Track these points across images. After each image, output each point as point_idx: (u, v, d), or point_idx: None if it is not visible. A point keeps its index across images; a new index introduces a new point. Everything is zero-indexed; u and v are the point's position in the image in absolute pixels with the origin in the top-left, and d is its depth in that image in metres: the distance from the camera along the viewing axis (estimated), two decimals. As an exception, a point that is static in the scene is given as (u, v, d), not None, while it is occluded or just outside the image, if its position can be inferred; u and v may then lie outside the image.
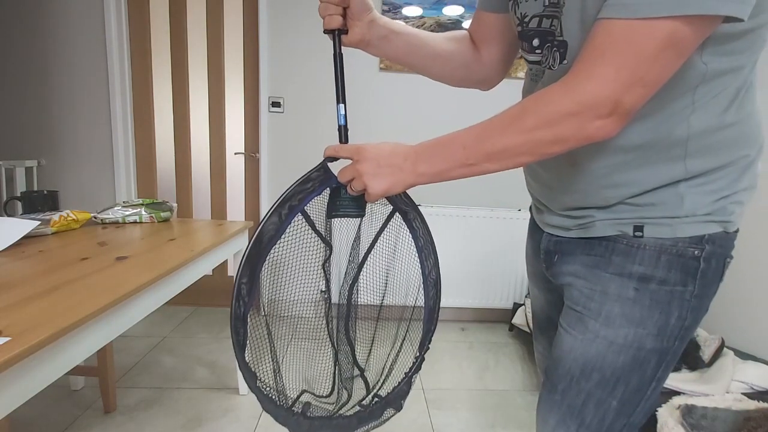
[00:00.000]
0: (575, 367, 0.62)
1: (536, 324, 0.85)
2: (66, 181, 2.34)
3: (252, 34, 2.34)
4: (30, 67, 2.25)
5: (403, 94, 2.36)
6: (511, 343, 2.31)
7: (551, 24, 0.56)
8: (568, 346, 0.63)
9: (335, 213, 0.66)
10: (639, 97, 0.47)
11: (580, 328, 0.61)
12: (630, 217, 0.58)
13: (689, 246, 0.55)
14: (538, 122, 0.49)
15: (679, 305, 0.57)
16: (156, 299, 1.00)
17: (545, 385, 0.68)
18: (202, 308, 2.56)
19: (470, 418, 1.62)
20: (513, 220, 2.34)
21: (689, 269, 0.56)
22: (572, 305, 0.64)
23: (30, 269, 0.92)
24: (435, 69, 0.77)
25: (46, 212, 1.35)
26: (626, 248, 0.58)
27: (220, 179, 2.50)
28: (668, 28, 0.43)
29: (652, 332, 0.57)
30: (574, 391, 0.62)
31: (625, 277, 0.58)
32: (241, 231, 1.53)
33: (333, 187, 0.65)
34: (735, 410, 1.24)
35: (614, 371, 0.59)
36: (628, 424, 0.62)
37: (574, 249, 0.64)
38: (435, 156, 0.56)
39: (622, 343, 0.58)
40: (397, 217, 0.72)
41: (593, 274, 0.61)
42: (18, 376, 0.61)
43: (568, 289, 0.65)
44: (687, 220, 0.55)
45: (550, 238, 0.68)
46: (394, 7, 2.26)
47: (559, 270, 0.67)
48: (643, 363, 0.59)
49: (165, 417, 1.54)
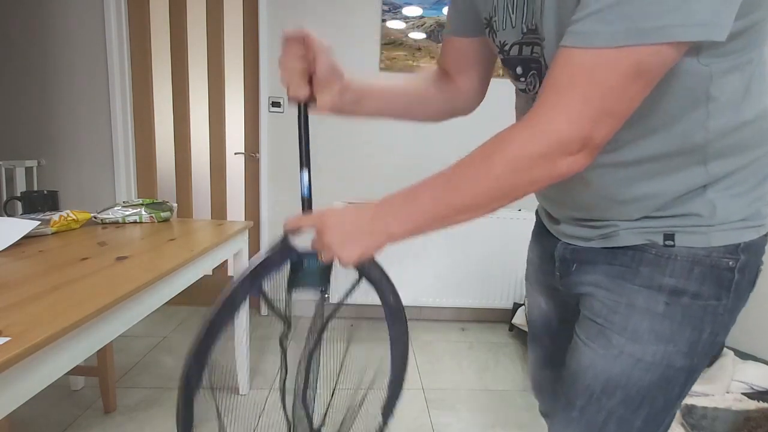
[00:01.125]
0: (596, 384, 0.58)
1: (531, 332, 0.83)
2: (66, 181, 2.34)
3: (252, 34, 2.34)
4: (30, 67, 2.25)
5: (403, 94, 2.36)
6: (511, 343, 2.31)
7: (532, 51, 0.55)
8: (588, 361, 0.59)
9: (297, 286, 0.62)
10: (609, 129, 0.44)
11: (602, 342, 0.58)
12: (659, 226, 0.54)
13: (724, 256, 0.52)
14: (506, 168, 0.46)
15: (712, 320, 0.54)
16: (156, 299, 1.00)
17: (560, 399, 0.64)
18: (202, 308, 2.56)
19: (470, 418, 1.62)
20: (513, 220, 2.34)
21: (723, 282, 0.53)
22: (593, 317, 0.60)
23: (30, 269, 0.92)
24: (416, 114, 0.74)
25: (46, 212, 1.35)
26: (655, 258, 0.54)
27: (220, 179, 2.50)
28: (631, 58, 0.40)
29: (682, 349, 0.54)
30: (594, 408, 0.58)
31: (654, 289, 0.54)
32: (241, 231, 1.53)
33: (294, 261, 0.60)
34: (735, 410, 1.24)
35: (640, 390, 0.56)
36: None
37: (595, 257, 0.60)
38: (405, 213, 0.52)
39: (651, 360, 0.55)
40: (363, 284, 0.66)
41: (618, 285, 0.57)
42: (18, 376, 0.61)
43: (587, 300, 0.61)
44: (722, 227, 0.52)
45: (566, 246, 0.65)
46: (394, 7, 2.26)
47: (577, 280, 0.63)
48: (671, 381, 0.56)
49: (165, 417, 1.54)
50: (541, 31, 0.52)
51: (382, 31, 2.28)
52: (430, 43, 2.31)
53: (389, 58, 2.31)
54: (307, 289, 0.62)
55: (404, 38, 2.30)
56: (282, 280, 0.61)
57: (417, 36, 2.30)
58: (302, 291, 0.62)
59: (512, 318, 2.38)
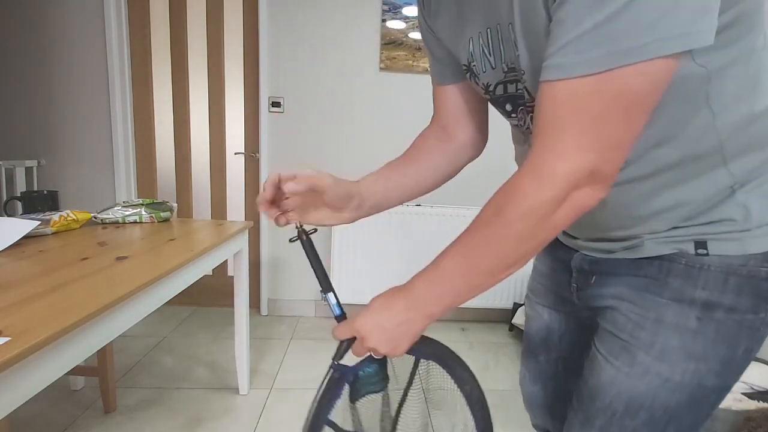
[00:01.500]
0: (618, 403, 0.54)
1: (527, 345, 0.79)
2: (66, 181, 2.34)
3: (252, 34, 2.34)
4: (30, 67, 2.25)
5: (403, 94, 2.36)
6: (511, 343, 2.31)
7: (517, 88, 0.54)
8: (610, 378, 0.55)
9: (359, 396, 0.62)
10: (616, 157, 0.42)
11: (626, 359, 0.54)
12: (689, 234, 0.50)
13: (762, 265, 0.48)
14: (527, 224, 0.44)
15: (749, 336, 0.50)
16: (156, 299, 1.00)
17: (577, 414, 0.60)
18: (202, 308, 2.56)
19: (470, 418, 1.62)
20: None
21: (761, 293, 0.48)
22: (615, 332, 0.56)
23: (30, 269, 0.92)
24: (430, 185, 0.73)
25: (46, 212, 1.35)
26: (686, 269, 0.50)
27: (220, 179, 2.50)
28: (616, 82, 0.38)
29: (714, 368, 0.50)
30: (615, 428, 0.55)
31: (686, 303, 0.50)
32: (241, 231, 1.53)
33: (353, 379, 0.61)
34: (735, 410, 1.24)
35: (666, 410, 0.52)
36: None
37: (617, 269, 0.56)
38: (437, 294, 0.51)
39: (680, 380, 0.51)
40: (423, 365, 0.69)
41: (644, 299, 0.53)
42: (18, 376, 0.61)
43: (609, 313, 0.57)
44: (759, 231, 0.48)
45: (585, 257, 0.61)
46: (394, 7, 2.26)
47: (597, 293, 0.59)
48: (701, 401, 0.52)
49: (165, 417, 1.54)
50: (519, 68, 0.51)
51: (382, 31, 2.28)
52: (430, 43, 2.31)
53: (389, 58, 2.31)
54: (372, 395, 0.63)
55: (404, 38, 2.30)
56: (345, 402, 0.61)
57: (417, 36, 2.30)
58: (367, 398, 0.63)
59: (512, 318, 2.38)
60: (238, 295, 1.62)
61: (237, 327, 1.63)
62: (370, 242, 2.31)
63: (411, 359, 0.67)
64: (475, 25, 0.55)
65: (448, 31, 0.61)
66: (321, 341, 2.22)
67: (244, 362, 1.67)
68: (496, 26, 0.52)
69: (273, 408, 1.63)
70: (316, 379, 1.83)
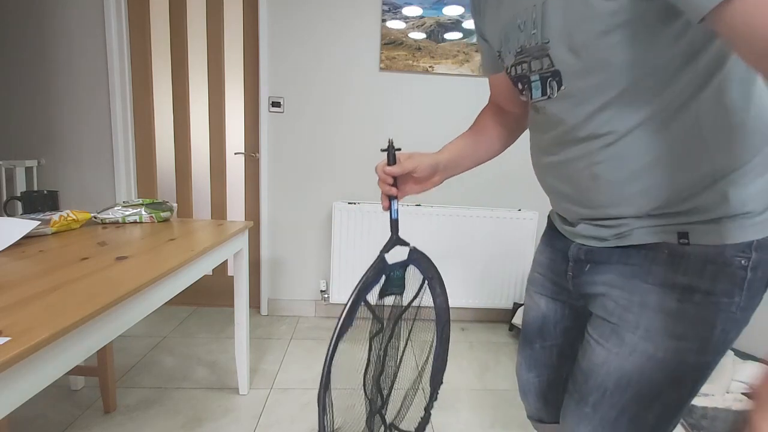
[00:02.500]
0: (609, 381, 0.59)
1: (524, 334, 0.83)
2: (66, 181, 2.34)
3: (252, 34, 2.34)
4: (30, 66, 2.25)
5: (403, 94, 2.36)
6: (511, 343, 2.31)
7: (522, 68, 0.62)
8: (601, 359, 0.60)
9: (385, 293, 0.80)
10: None
11: (616, 340, 0.59)
12: (672, 223, 0.55)
13: (736, 254, 0.53)
14: None
15: (724, 318, 0.54)
16: (156, 299, 1.00)
17: (572, 395, 0.66)
18: (202, 308, 2.56)
19: (470, 418, 1.62)
20: (513, 220, 2.34)
21: (736, 279, 0.53)
22: (606, 316, 0.61)
23: (30, 269, 0.92)
24: (495, 151, 0.86)
25: (46, 212, 1.35)
26: (669, 258, 0.55)
27: (220, 179, 2.50)
28: None
29: (694, 346, 0.55)
30: (607, 404, 0.60)
31: (668, 287, 0.55)
32: (241, 231, 1.53)
33: (387, 275, 0.79)
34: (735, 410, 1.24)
35: (653, 386, 0.57)
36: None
37: (609, 258, 0.61)
38: None
39: (663, 357, 0.56)
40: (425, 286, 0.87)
41: (631, 284, 0.58)
42: (18, 376, 0.61)
43: (600, 300, 0.63)
44: (735, 224, 0.52)
45: (581, 247, 0.66)
46: (394, 7, 2.26)
47: (590, 279, 0.65)
48: (684, 378, 0.57)
49: (165, 417, 1.54)
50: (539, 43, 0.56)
51: (382, 31, 2.28)
52: (430, 43, 2.31)
53: (389, 58, 2.31)
54: (391, 295, 0.80)
55: (404, 38, 2.30)
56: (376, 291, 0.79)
57: (417, 36, 2.30)
58: (389, 297, 0.81)
59: (512, 318, 2.38)
60: (238, 295, 1.62)
61: (237, 327, 1.63)
62: (370, 242, 2.31)
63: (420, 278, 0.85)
64: (507, 13, 0.62)
65: (489, 26, 0.70)
66: (321, 341, 2.22)
67: (244, 362, 1.67)
68: (523, 10, 0.58)
69: (273, 408, 1.63)
70: (316, 379, 1.83)
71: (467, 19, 2.31)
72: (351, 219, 2.30)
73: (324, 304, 2.52)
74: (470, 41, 2.33)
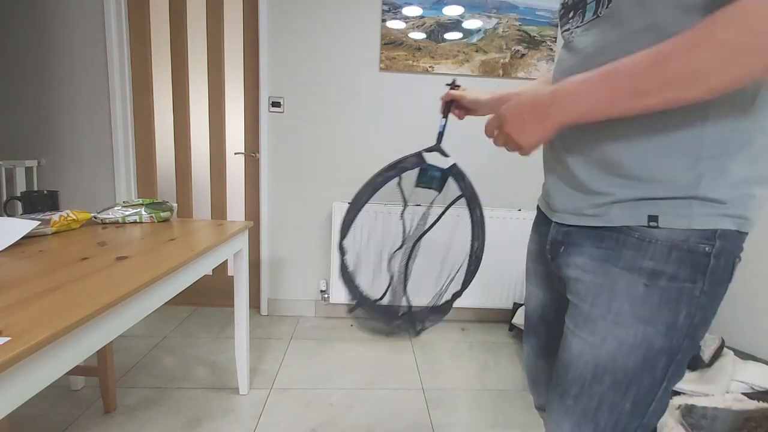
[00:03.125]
0: (587, 371, 0.61)
1: (527, 323, 0.85)
2: (66, 181, 2.34)
3: (252, 34, 2.34)
4: (30, 67, 2.25)
5: (403, 94, 2.36)
6: (511, 343, 2.31)
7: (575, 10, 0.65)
8: (578, 350, 0.62)
9: (421, 184, 0.87)
10: None
11: (589, 329, 0.61)
12: (644, 197, 0.56)
13: (700, 241, 0.54)
14: (739, 33, 0.42)
15: (688, 302, 0.56)
16: (156, 299, 1.00)
17: (555, 389, 0.67)
18: (202, 308, 2.56)
19: (470, 418, 1.62)
20: (513, 220, 2.34)
21: (699, 265, 0.55)
22: (578, 302, 0.63)
23: (30, 269, 0.92)
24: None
25: (46, 212, 1.35)
26: (638, 242, 0.57)
27: (220, 179, 2.50)
28: None
29: (661, 330, 0.57)
30: (587, 396, 0.61)
31: (635, 272, 0.57)
32: (241, 231, 1.53)
33: (422, 167, 0.87)
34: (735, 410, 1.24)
35: (626, 373, 0.58)
36: (641, 425, 0.61)
37: (584, 240, 0.63)
38: (589, 92, 0.52)
39: (632, 342, 0.57)
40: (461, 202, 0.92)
41: (603, 269, 0.60)
42: (18, 376, 0.61)
43: (573, 284, 0.64)
44: (704, 209, 0.54)
45: (559, 228, 0.68)
46: (394, 7, 2.26)
47: (565, 261, 0.66)
48: (654, 362, 0.58)
49: (165, 417, 1.54)
50: None
51: (382, 31, 2.28)
52: (430, 43, 2.31)
53: (389, 58, 2.31)
54: (428, 188, 0.87)
55: (404, 38, 2.30)
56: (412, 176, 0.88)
57: (417, 36, 2.30)
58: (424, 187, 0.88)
59: (512, 318, 2.38)
60: (238, 295, 1.62)
61: (237, 327, 1.63)
62: (370, 242, 2.31)
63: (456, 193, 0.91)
64: None
65: None
66: (321, 341, 2.22)
67: (244, 362, 1.67)
68: None
69: (273, 408, 1.63)
70: (316, 379, 1.84)
71: (467, 19, 2.31)
72: (351, 219, 2.30)
73: (324, 304, 2.52)
74: (470, 41, 2.33)
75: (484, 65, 2.35)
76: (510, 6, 2.31)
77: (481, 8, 2.30)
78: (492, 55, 2.35)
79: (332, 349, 2.14)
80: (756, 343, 1.66)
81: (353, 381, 1.85)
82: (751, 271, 1.70)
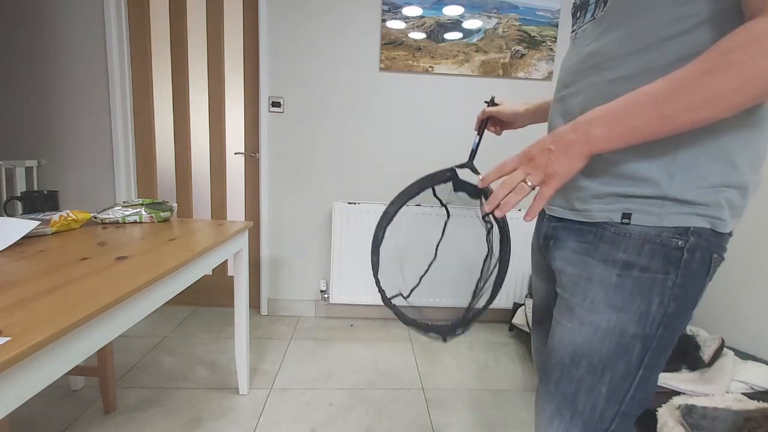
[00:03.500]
0: (566, 356, 0.64)
1: (534, 315, 0.88)
2: (66, 181, 2.34)
3: (252, 34, 2.34)
4: (30, 67, 2.25)
5: (403, 94, 2.36)
6: (511, 343, 2.31)
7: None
8: (559, 336, 0.66)
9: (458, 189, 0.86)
10: None
11: (569, 316, 0.64)
12: (619, 193, 0.59)
13: (673, 236, 0.57)
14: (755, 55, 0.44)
15: (660, 292, 0.58)
16: (156, 299, 1.00)
17: (541, 377, 0.70)
18: (202, 308, 2.56)
19: (470, 418, 1.62)
20: (513, 220, 2.34)
21: (671, 258, 0.57)
22: (562, 292, 0.67)
23: (30, 269, 0.92)
24: None
25: (46, 212, 1.35)
26: (613, 236, 0.60)
27: (220, 179, 2.50)
28: None
29: (633, 318, 0.59)
30: (566, 380, 0.64)
31: (610, 263, 0.60)
32: (241, 231, 1.53)
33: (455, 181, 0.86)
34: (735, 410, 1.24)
35: (601, 357, 0.61)
36: (620, 413, 0.63)
37: (568, 235, 0.67)
38: (614, 118, 0.53)
39: (606, 328, 0.60)
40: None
41: (581, 261, 0.64)
42: (18, 376, 0.61)
43: (559, 276, 0.68)
44: (675, 208, 0.56)
45: (549, 223, 0.72)
46: (394, 7, 2.26)
47: (553, 254, 0.70)
48: (628, 349, 0.60)
49: (165, 417, 1.54)
50: None
51: (382, 31, 2.28)
52: (430, 43, 2.31)
53: (389, 58, 2.31)
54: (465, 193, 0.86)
55: (404, 38, 2.30)
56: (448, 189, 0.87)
57: (417, 36, 2.30)
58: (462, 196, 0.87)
59: (512, 318, 2.39)
60: (238, 295, 1.62)
61: (237, 327, 1.63)
62: (369, 241, 2.31)
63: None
64: None
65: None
66: (321, 341, 2.22)
67: (244, 362, 1.67)
68: None
69: (273, 408, 1.63)
70: (316, 379, 1.84)
71: (467, 19, 2.31)
72: (351, 219, 2.31)
73: (324, 304, 2.52)
74: (470, 41, 2.33)
75: (484, 65, 2.35)
76: (510, 6, 2.31)
77: (481, 8, 2.30)
78: (492, 55, 2.35)
79: (332, 349, 2.14)
80: (756, 343, 1.66)
81: (353, 381, 1.85)
82: (751, 271, 1.70)
